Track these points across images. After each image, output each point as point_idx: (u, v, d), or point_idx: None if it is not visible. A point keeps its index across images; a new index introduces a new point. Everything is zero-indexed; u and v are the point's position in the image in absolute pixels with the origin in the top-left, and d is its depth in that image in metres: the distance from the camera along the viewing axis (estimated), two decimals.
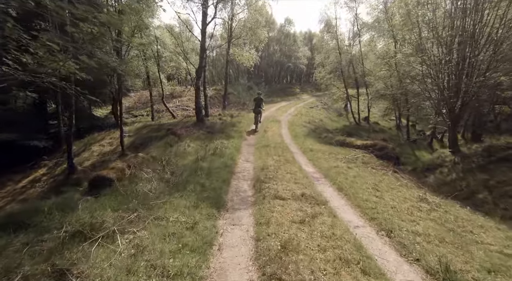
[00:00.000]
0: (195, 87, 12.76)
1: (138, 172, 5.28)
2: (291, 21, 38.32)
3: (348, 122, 22.63)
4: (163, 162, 6.09)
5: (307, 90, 39.59)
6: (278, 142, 10.50)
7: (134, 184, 4.68)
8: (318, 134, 14.90)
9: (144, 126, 12.50)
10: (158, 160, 6.43)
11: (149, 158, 6.38)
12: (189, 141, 9.56)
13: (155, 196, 4.11)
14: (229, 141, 9.72)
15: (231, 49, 19.57)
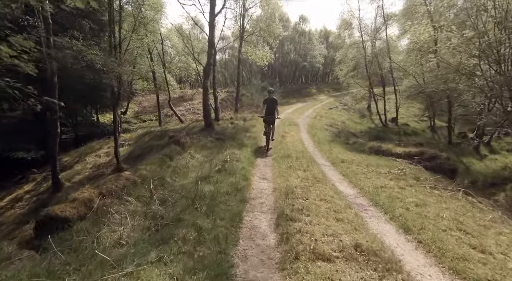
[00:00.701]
0: (203, 88, 11.29)
1: (113, 204, 3.74)
2: (306, 19, 36.53)
3: (373, 124, 20.47)
4: (154, 185, 4.53)
5: (324, 90, 37.48)
6: (300, 151, 8.77)
7: (98, 227, 3.13)
8: (345, 139, 13.01)
9: (146, 132, 11.15)
10: (149, 181, 4.89)
11: (136, 179, 4.85)
12: (194, 151, 8.02)
13: (119, 255, 2.52)
14: (241, 151, 8.09)
15: (243, 47, 18.06)
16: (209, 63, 10.92)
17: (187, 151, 7.93)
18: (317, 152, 9.03)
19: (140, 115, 22.84)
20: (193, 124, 13.14)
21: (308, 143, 10.81)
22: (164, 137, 9.62)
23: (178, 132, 9.30)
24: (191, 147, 8.55)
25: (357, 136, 15.97)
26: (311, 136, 12.54)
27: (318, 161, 7.78)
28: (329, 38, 43.93)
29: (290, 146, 9.55)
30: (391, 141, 14.91)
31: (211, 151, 8.26)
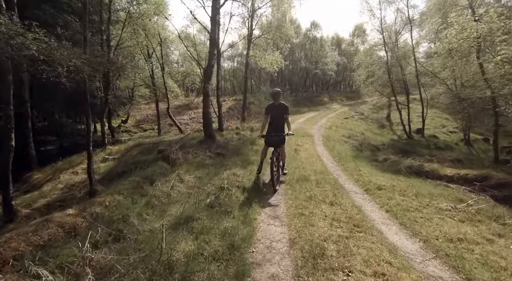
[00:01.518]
0: (203, 93, 9.72)
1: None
2: (318, 25, 35.18)
3: (395, 135, 18.41)
4: (107, 231, 2.82)
5: (337, 99, 35.63)
6: (319, 171, 6.94)
7: None
8: (370, 154, 11.08)
9: (137, 144, 9.57)
10: (102, 223, 3.18)
11: (78, 224, 3.14)
12: (185, 170, 6.33)
13: None
14: (245, 171, 6.35)
15: (251, 50, 16.58)
16: (211, 64, 9.37)
17: (176, 170, 6.23)
18: (341, 173, 7.16)
19: (141, 124, 21.55)
20: (194, 134, 11.51)
21: (327, 160, 8.95)
22: (154, 151, 8.00)
23: (170, 145, 7.64)
24: (183, 165, 6.87)
25: (379, 149, 13.98)
26: (329, 150, 10.68)
27: (346, 186, 5.91)
28: (341, 45, 42.45)
29: (306, 164, 7.73)
30: (421, 156, 12.85)
31: (207, 170, 6.54)
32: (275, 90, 5.60)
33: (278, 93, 5.53)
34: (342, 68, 41.41)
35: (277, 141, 5.39)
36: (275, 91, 5.57)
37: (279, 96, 5.53)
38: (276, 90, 5.57)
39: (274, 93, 5.56)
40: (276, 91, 5.55)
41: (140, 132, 20.55)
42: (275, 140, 5.39)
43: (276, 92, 5.53)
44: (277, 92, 5.54)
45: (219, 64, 12.27)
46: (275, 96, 5.52)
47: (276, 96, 5.51)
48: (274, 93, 5.57)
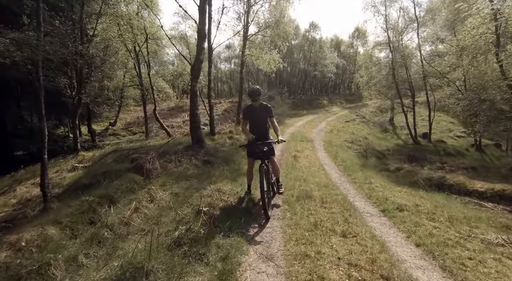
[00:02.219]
0: (190, 92, 8.61)
1: None
2: (317, 26, 34.29)
3: (400, 139, 17.37)
4: None
5: (336, 102, 34.66)
6: (323, 184, 5.83)
7: None
8: (378, 161, 10.00)
9: (114, 150, 8.38)
10: None
11: None
12: (161, 184, 5.19)
13: None
14: (234, 185, 5.21)
15: (247, 49, 15.51)
16: (199, 59, 8.26)
17: (149, 184, 5.07)
18: (348, 186, 6.04)
19: (131, 127, 20.35)
20: (182, 138, 10.37)
21: (331, 168, 7.84)
22: (130, 159, 6.82)
23: (148, 153, 6.48)
24: (161, 176, 5.72)
25: (385, 155, 12.91)
26: (331, 156, 9.58)
27: (358, 205, 4.79)
28: (340, 47, 41.62)
29: (307, 174, 6.61)
30: (431, 163, 11.80)
31: (188, 184, 5.39)
32: (253, 88, 4.38)
33: (256, 91, 4.35)
34: (342, 70, 40.54)
35: (264, 151, 4.15)
36: (253, 90, 4.37)
37: (258, 95, 4.38)
38: (255, 88, 4.37)
39: (252, 92, 4.36)
40: (254, 90, 4.36)
41: (129, 135, 19.37)
42: (261, 150, 4.14)
43: (255, 91, 4.35)
44: (255, 90, 4.35)
45: (211, 61, 11.17)
46: (254, 95, 4.35)
47: (255, 95, 4.35)
48: (252, 91, 4.37)
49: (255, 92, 4.35)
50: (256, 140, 4.24)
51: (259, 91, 4.38)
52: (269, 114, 4.43)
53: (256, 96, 4.35)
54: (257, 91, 4.35)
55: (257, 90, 4.37)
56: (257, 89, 4.38)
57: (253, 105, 4.46)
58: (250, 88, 4.44)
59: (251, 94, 4.37)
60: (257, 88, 4.38)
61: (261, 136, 4.39)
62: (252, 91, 4.37)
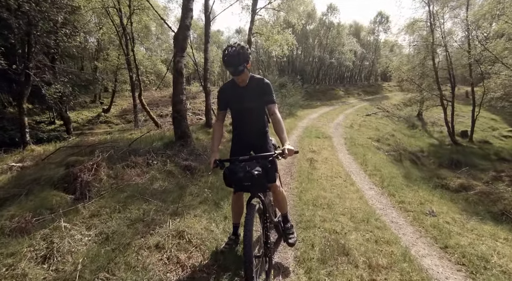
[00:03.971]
0: (173, 70, 6.46)
1: None
2: (336, 8, 31.07)
3: (432, 138, 14.77)
4: None
5: (353, 93, 31.80)
6: (360, 217, 3.66)
7: None
8: (420, 169, 7.69)
9: (74, 145, 6.37)
10: None
11: None
12: (84, 217, 3.11)
13: None
14: (210, 223, 3.10)
15: (254, 26, 13.10)
16: (184, 25, 6.03)
17: (68, 214, 3.02)
18: (400, 219, 3.83)
19: (126, 114, 18.51)
20: (167, 132, 8.30)
21: (362, 181, 5.61)
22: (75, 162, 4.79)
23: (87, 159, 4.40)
24: (105, 193, 3.65)
25: (419, 158, 10.50)
26: (358, 160, 7.32)
27: (433, 271, 2.57)
28: (360, 34, 38.17)
29: (331, 194, 4.44)
30: (481, 170, 9.32)
31: (141, 211, 3.29)
32: (230, 47, 2.06)
33: (237, 53, 2.02)
34: (360, 59, 37.32)
35: (254, 176, 1.92)
36: (230, 51, 2.04)
37: (243, 62, 2.05)
38: (233, 47, 2.05)
39: (229, 56, 2.03)
40: (232, 51, 2.03)
41: (123, 123, 17.56)
42: (248, 175, 1.93)
43: (234, 53, 2.02)
44: (234, 52, 2.02)
45: (209, 35, 8.90)
46: (232, 61, 2.04)
47: (234, 62, 2.04)
48: (228, 55, 2.03)
49: (234, 56, 2.01)
50: (241, 149, 2.29)
51: (243, 53, 2.03)
52: (267, 99, 2.23)
53: (238, 64, 2.03)
54: (237, 53, 2.01)
55: (238, 51, 2.02)
56: (238, 47, 2.04)
57: (235, 83, 2.23)
58: (234, 45, 2.06)
59: (229, 59, 2.03)
60: (238, 46, 2.04)
61: (251, 143, 2.37)
62: (229, 54, 2.02)
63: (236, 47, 2.04)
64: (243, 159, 2.06)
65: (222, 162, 2.12)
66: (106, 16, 10.47)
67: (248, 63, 2.13)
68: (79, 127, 16.04)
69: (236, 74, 2.12)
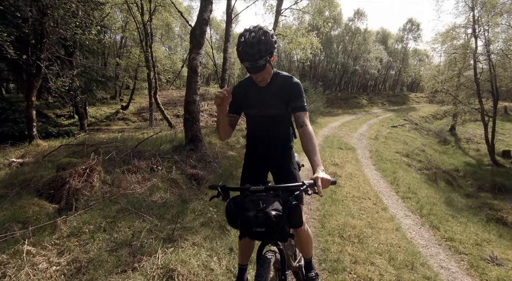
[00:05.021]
0: (188, 68, 5.95)
1: None
2: (363, 14, 29.92)
3: (468, 156, 13.37)
4: None
5: (377, 103, 30.33)
6: (401, 258, 2.84)
7: None
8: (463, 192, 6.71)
9: (78, 143, 6.00)
10: None
11: None
12: (67, 233, 2.57)
13: None
14: (209, 258, 2.43)
15: (278, 27, 12.54)
16: (202, 19, 5.53)
17: (43, 232, 2.49)
18: (463, 276, 2.97)
19: (143, 112, 18.51)
20: (178, 134, 7.86)
21: (395, 205, 4.77)
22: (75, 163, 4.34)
23: (81, 161, 3.90)
24: (95, 204, 3.13)
25: (455, 179, 9.35)
26: (388, 179, 6.43)
27: None
28: (387, 42, 36.59)
29: (360, 222, 3.68)
30: None
31: (132, 230, 2.72)
32: (250, 34, 1.35)
33: (258, 42, 1.33)
34: (386, 67, 35.72)
35: (271, 218, 1.19)
36: (250, 36, 1.35)
37: (264, 54, 1.36)
38: (254, 33, 1.35)
39: (248, 44, 1.34)
40: (252, 37, 1.34)
41: (140, 121, 17.55)
42: (261, 216, 1.20)
43: (255, 40, 1.33)
44: (256, 39, 1.34)
45: (229, 33, 8.39)
46: (250, 52, 1.35)
47: (253, 54, 1.35)
48: (246, 42, 1.35)
49: (253, 45, 1.34)
50: (252, 175, 1.73)
51: (265, 41, 1.35)
52: (295, 104, 1.58)
53: (258, 58, 1.36)
54: (258, 41, 1.34)
55: (259, 38, 1.35)
56: (260, 32, 1.36)
57: (254, 82, 1.60)
58: (242, 33, 1.40)
59: (245, 49, 1.36)
60: (260, 31, 1.37)
61: (270, 163, 1.80)
62: (247, 43, 1.36)
63: (257, 32, 1.37)
64: (255, 189, 1.39)
65: (226, 191, 1.45)
66: (129, 12, 10.31)
67: (272, 55, 1.47)
68: (97, 122, 16.14)
69: (255, 72, 1.46)
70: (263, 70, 1.46)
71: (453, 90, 12.41)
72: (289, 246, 1.97)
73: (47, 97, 12.52)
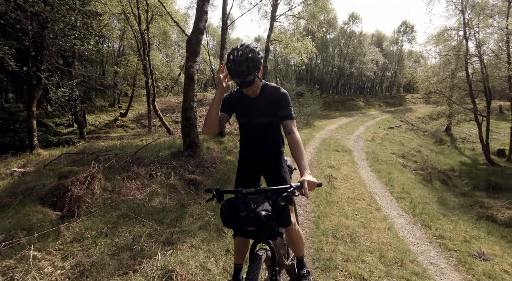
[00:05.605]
0: (185, 75, 6.09)
1: None
2: (358, 17, 30.33)
3: (463, 156, 13.53)
4: None
5: (374, 104, 30.59)
6: (392, 256, 2.97)
7: None
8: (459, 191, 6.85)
9: (78, 151, 6.12)
10: None
11: None
12: (64, 242, 2.67)
13: None
14: (206, 259, 2.56)
15: (273, 33, 12.76)
16: (198, 28, 5.71)
17: (56, 233, 2.61)
18: (445, 266, 3.10)
19: (143, 119, 18.63)
20: (177, 140, 7.99)
21: (389, 205, 4.90)
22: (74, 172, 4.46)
23: (82, 169, 4.02)
24: (96, 210, 3.25)
25: (451, 178, 9.49)
26: (383, 180, 6.57)
27: None
28: (382, 44, 37.01)
29: (353, 222, 3.82)
30: None
31: (132, 235, 2.85)
32: (238, 53, 1.51)
33: (246, 60, 1.49)
34: (382, 69, 36.09)
35: (261, 218, 1.32)
36: (238, 55, 1.51)
37: (252, 70, 1.52)
38: (242, 51, 1.51)
39: (237, 62, 1.51)
40: (240, 55, 1.50)
41: (139, 128, 17.66)
42: (252, 216, 1.33)
43: (243, 58, 1.50)
44: (243, 57, 1.50)
45: (225, 41, 8.58)
46: (240, 70, 1.51)
47: (242, 71, 1.51)
48: (235, 60, 1.51)
49: (241, 63, 1.50)
50: (245, 178, 1.85)
51: (252, 58, 1.51)
52: (283, 113, 1.71)
53: (247, 74, 1.52)
54: (245, 59, 1.50)
55: (247, 56, 1.50)
56: (247, 50, 1.51)
57: (245, 93, 1.72)
58: (231, 52, 1.55)
59: (235, 67, 1.52)
60: (246, 49, 1.52)
61: (262, 166, 1.91)
62: (235, 61, 1.51)
63: (244, 50, 1.51)
64: (246, 191, 1.53)
65: (221, 193, 1.59)
66: (126, 22, 10.52)
67: (260, 70, 1.62)
68: (96, 130, 16.25)
69: (245, 86, 1.61)
70: (252, 84, 1.61)
71: (446, 91, 12.64)
72: (281, 245, 2.10)
73: (46, 106, 12.69)
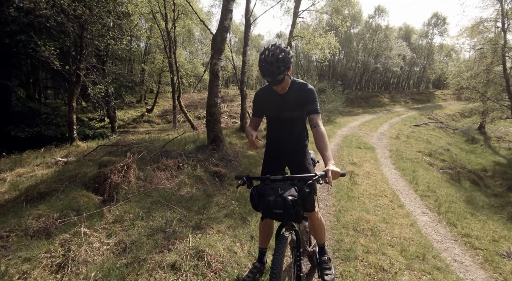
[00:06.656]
0: (210, 73, 6.32)
1: None
2: (384, 10, 29.13)
3: (498, 156, 12.73)
4: None
5: (400, 101, 29.37)
6: (413, 251, 3.00)
7: None
8: (491, 193, 6.56)
9: (113, 143, 6.62)
10: None
11: None
12: (106, 224, 2.98)
13: None
14: (233, 243, 2.77)
15: (295, 29, 12.69)
16: (223, 27, 5.91)
17: (99, 214, 2.94)
18: (472, 267, 3.07)
19: (167, 114, 19.40)
20: (201, 135, 8.30)
21: (412, 203, 4.84)
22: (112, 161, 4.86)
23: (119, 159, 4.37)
24: (132, 197, 3.56)
25: (482, 179, 9.01)
26: (407, 178, 6.44)
27: None
28: (410, 38, 35.29)
29: (375, 217, 3.84)
30: None
31: (164, 220, 3.11)
32: (269, 53, 1.66)
33: (277, 60, 1.64)
34: (409, 64, 34.47)
35: (287, 204, 1.48)
36: (270, 55, 1.66)
37: (282, 70, 1.67)
38: (273, 52, 1.66)
39: (268, 62, 1.65)
40: (271, 55, 1.65)
41: (163, 123, 18.43)
42: (279, 202, 1.49)
43: (273, 59, 1.64)
44: (274, 57, 1.64)
45: (248, 38, 8.74)
46: (271, 69, 1.66)
47: (273, 70, 1.66)
48: (266, 60, 1.66)
49: (272, 63, 1.65)
50: (272, 167, 1.96)
51: (283, 58, 1.66)
52: (309, 108, 1.84)
53: (278, 73, 1.67)
54: (276, 59, 1.64)
55: (277, 57, 1.65)
56: (277, 51, 1.66)
57: (272, 91, 1.89)
58: (262, 51, 1.71)
59: (266, 66, 1.67)
60: (277, 50, 1.67)
61: (287, 157, 2.04)
62: (267, 61, 1.66)
63: (275, 51, 1.66)
64: (274, 178, 1.69)
65: (250, 180, 1.77)
66: (154, 21, 11.01)
67: (289, 68, 1.76)
68: (125, 125, 17.18)
69: (275, 84, 1.77)
70: (282, 82, 1.76)
71: (480, 86, 11.85)
72: (304, 232, 2.25)
73: (81, 102, 13.68)
